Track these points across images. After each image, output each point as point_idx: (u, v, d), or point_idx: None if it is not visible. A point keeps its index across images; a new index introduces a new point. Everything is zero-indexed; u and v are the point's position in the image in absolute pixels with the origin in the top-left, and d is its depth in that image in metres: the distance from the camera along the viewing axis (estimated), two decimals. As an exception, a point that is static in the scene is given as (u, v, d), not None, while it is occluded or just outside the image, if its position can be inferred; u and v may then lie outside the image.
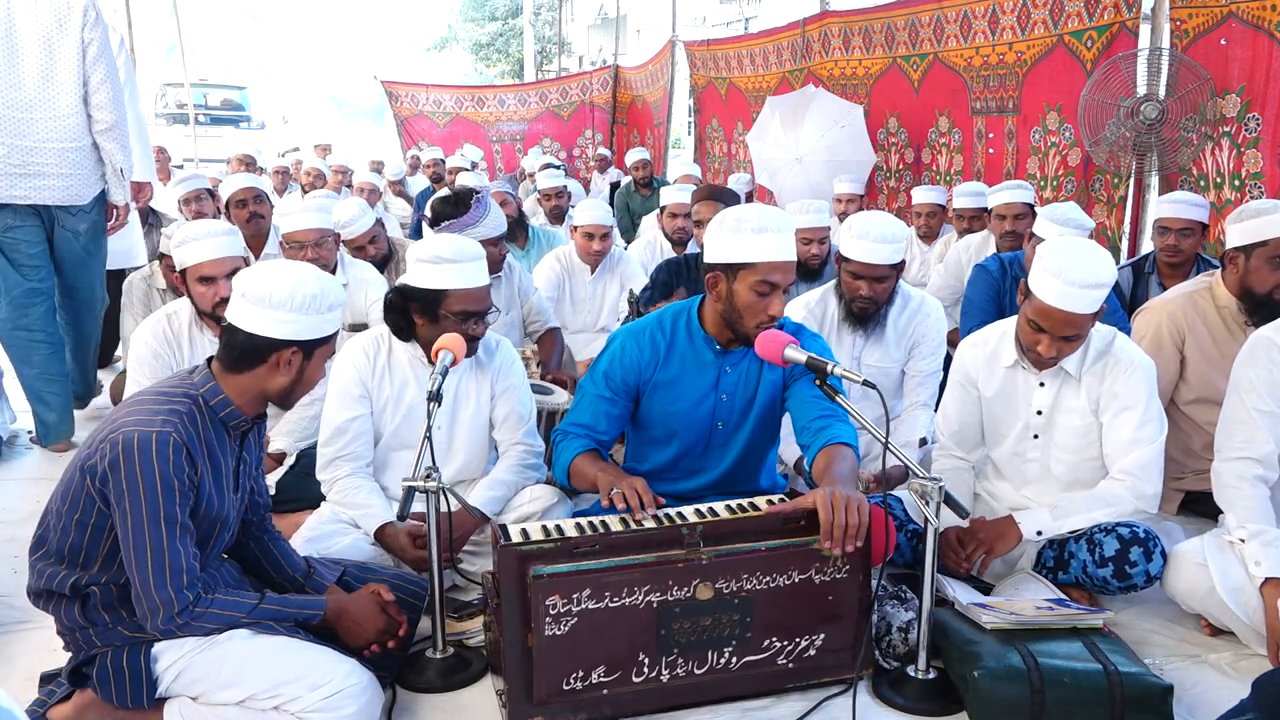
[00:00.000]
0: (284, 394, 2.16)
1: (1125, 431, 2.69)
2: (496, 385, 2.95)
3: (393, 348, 2.89)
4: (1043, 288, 2.54)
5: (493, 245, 3.73)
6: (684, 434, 2.72)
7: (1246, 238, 3.09)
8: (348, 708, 2.03)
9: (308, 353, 2.13)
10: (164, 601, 1.97)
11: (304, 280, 2.09)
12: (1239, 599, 2.49)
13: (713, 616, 2.20)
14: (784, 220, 2.54)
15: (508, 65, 30.57)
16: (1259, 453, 2.56)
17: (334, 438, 2.83)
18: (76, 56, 3.88)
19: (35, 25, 3.82)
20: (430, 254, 2.70)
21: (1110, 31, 5.01)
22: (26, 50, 3.82)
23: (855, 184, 6.27)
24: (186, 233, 3.21)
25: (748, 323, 2.54)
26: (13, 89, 3.81)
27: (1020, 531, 2.69)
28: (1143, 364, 2.72)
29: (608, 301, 4.88)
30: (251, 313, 2.06)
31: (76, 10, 3.86)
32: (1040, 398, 2.81)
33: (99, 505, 1.99)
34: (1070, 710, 2.15)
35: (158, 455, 1.94)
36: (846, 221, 3.34)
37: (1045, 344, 2.61)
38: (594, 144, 12.58)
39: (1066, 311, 2.52)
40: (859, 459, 2.49)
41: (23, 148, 3.86)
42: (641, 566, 2.14)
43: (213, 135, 17.11)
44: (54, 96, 3.87)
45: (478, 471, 2.97)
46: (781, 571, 2.22)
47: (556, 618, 2.09)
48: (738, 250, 2.50)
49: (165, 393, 2.08)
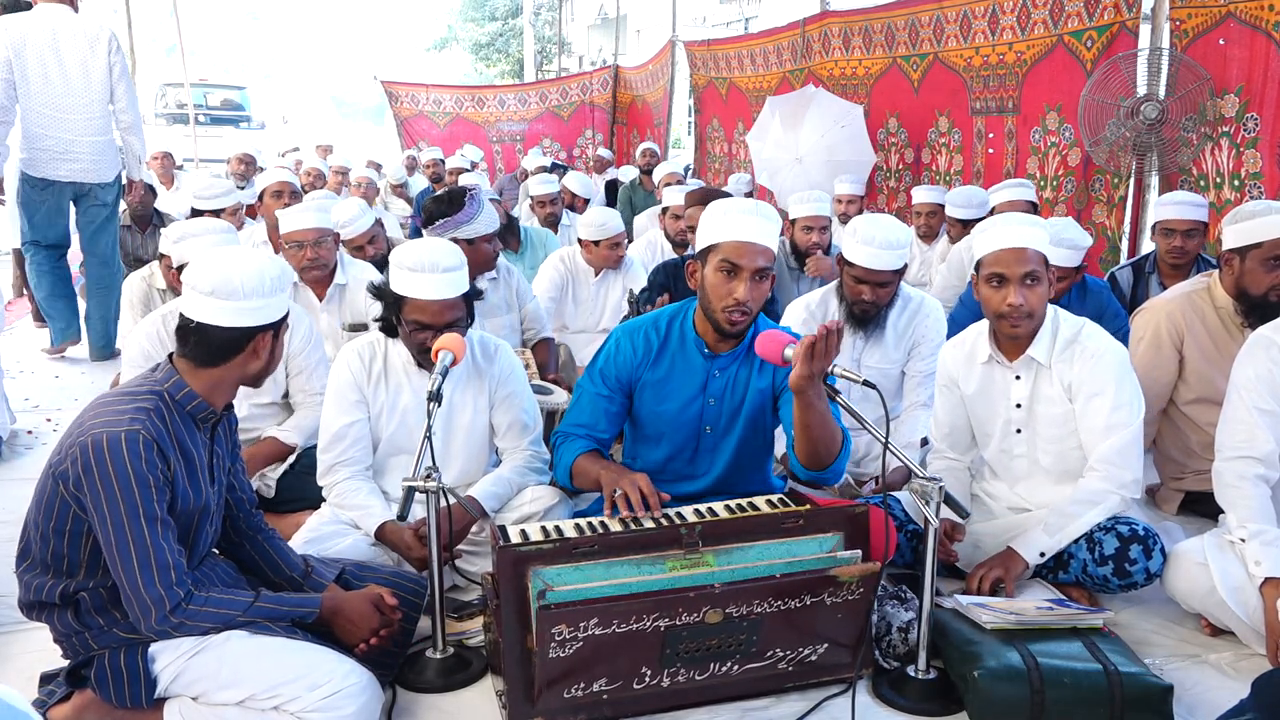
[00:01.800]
0: (259, 376, 2.19)
1: (1099, 418, 2.69)
2: (496, 393, 2.92)
3: (388, 353, 2.88)
4: (985, 242, 2.71)
5: (485, 242, 3.73)
6: (672, 435, 2.72)
7: (1241, 239, 3.08)
8: (347, 707, 2.03)
9: (276, 332, 2.16)
10: (155, 601, 1.96)
11: (263, 265, 2.11)
12: (1239, 598, 2.48)
13: (719, 637, 2.17)
14: (756, 207, 2.54)
15: (508, 65, 30.56)
16: (1260, 451, 2.56)
17: (333, 443, 2.83)
18: (104, 73, 5.28)
19: (75, 49, 5.21)
20: (399, 259, 2.71)
21: (1110, 31, 5.01)
22: (69, 68, 5.21)
23: (855, 184, 6.28)
24: (185, 230, 3.21)
25: (715, 306, 2.53)
26: (59, 96, 5.20)
27: (1024, 559, 2.67)
28: (1111, 350, 2.72)
29: (610, 303, 4.87)
30: (224, 308, 2.05)
31: (104, 39, 5.28)
32: (1018, 390, 2.81)
33: (74, 510, 1.99)
34: (1070, 710, 2.15)
35: (129, 453, 1.93)
36: (851, 225, 3.33)
37: (1012, 293, 2.65)
38: (594, 144, 12.58)
39: (1013, 247, 2.64)
40: (848, 444, 2.51)
41: (65, 139, 5.26)
42: (651, 595, 2.08)
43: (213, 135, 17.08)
44: (89, 103, 5.27)
45: (475, 478, 2.94)
46: (794, 596, 2.16)
47: (562, 643, 2.05)
48: (708, 234, 2.54)
49: (130, 392, 2.07)
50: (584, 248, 4.82)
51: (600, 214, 4.82)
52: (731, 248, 2.48)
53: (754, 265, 2.48)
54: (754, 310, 2.54)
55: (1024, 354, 2.76)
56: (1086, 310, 3.48)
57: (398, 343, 2.86)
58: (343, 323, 4.05)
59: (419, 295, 2.67)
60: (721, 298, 2.51)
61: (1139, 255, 4.65)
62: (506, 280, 4.23)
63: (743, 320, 2.54)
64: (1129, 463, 2.67)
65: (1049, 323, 2.75)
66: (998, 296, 2.68)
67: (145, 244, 6.48)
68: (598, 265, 4.82)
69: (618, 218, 4.82)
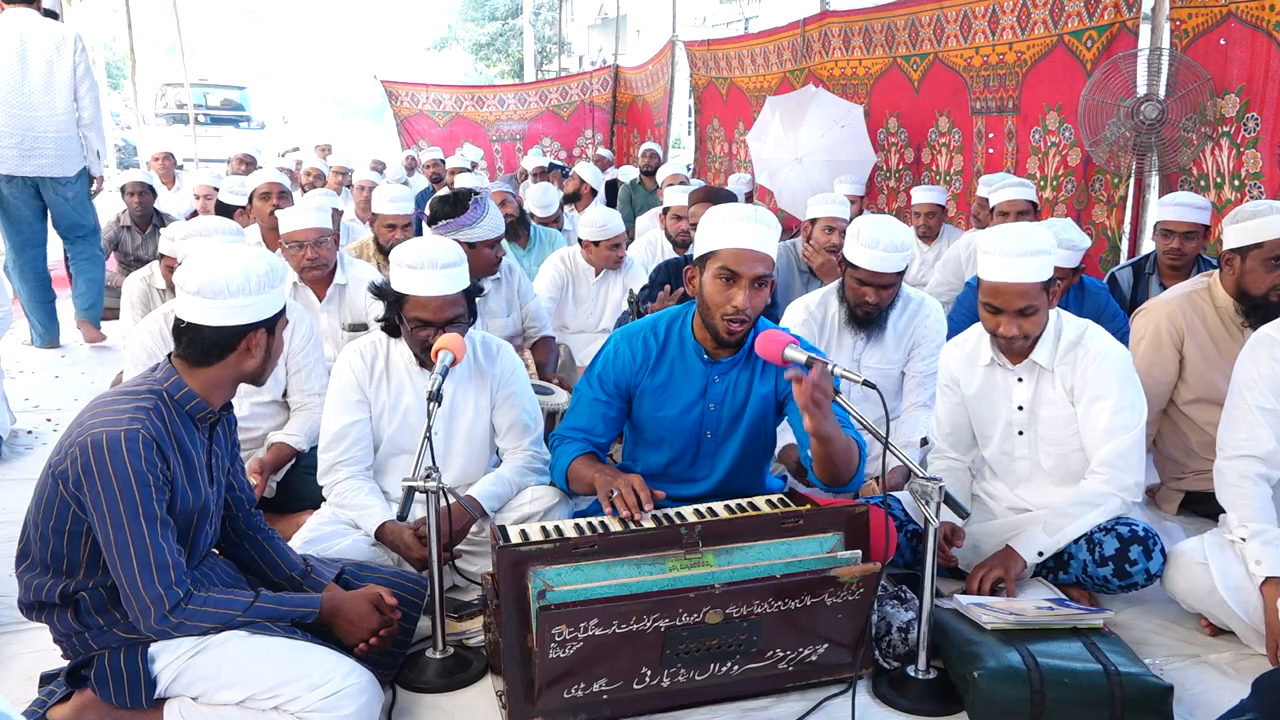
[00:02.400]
0: (257, 374, 2.17)
1: (1101, 420, 2.69)
2: (498, 393, 2.92)
3: (390, 353, 2.88)
4: (986, 268, 2.63)
5: (488, 247, 3.70)
6: (672, 440, 2.72)
7: (1241, 240, 3.08)
8: (347, 707, 2.03)
9: (270, 329, 2.14)
10: (154, 600, 1.96)
11: (250, 262, 2.08)
12: (1239, 598, 2.48)
13: (719, 637, 2.17)
14: (755, 213, 2.52)
15: (508, 65, 30.56)
16: (1261, 450, 2.56)
17: (333, 443, 2.83)
18: (69, 73, 5.57)
19: (41, 50, 5.50)
20: (399, 257, 2.71)
21: (1110, 31, 5.01)
22: (34, 67, 5.48)
23: (856, 184, 6.27)
24: (191, 229, 3.21)
25: (714, 315, 2.52)
26: (24, 95, 5.48)
27: (1023, 558, 2.67)
28: (1115, 353, 2.72)
29: (610, 303, 4.87)
30: (212, 307, 2.04)
31: (69, 41, 5.59)
32: (1020, 393, 2.81)
33: (74, 510, 1.99)
34: (1070, 710, 2.15)
35: (128, 452, 1.93)
36: (854, 227, 3.30)
37: (1005, 323, 2.64)
38: (594, 144, 12.58)
39: (1011, 283, 2.60)
40: (864, 455, 2.50)
41: (31, 135, 5.53)
42: (652, 595, 2.09)
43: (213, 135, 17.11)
44: (52, 100, 5.55)
45: (476, 478, 2.94)
46: (794, 596, 2.17)
47: (562, 643, 2.06)
48: (706, 241, 2.52)
49: (129, 392, 2.07)
50: (584, 248, 4.82)
51: (601, 214, 4.82)
52: (730, 255, 2.46)
53: (753, 273, 2.46)
54: (753, 318, 2.53)
55: (1027, 358, 2.76)
56: (1084, 311, 3.49)
57: (400, 342, 2.86)
58: (343, 323, 4.05)
59: (419, 292, 2.67)
60: (720, 305, 2.50)
61: (1139, 255, 4.65)
62: (508, 280, 4.23)
63: (741, 329, 2.53)
64: (1131, 466, 2.67)
65: (1051, 326, 2.74)
66: (994, 321, 2.68)
67: (145, 244, 6.49)
68: (598, 265, 4.82)
69: (618, 218, 4.82)
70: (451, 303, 2.70)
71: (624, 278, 4.86)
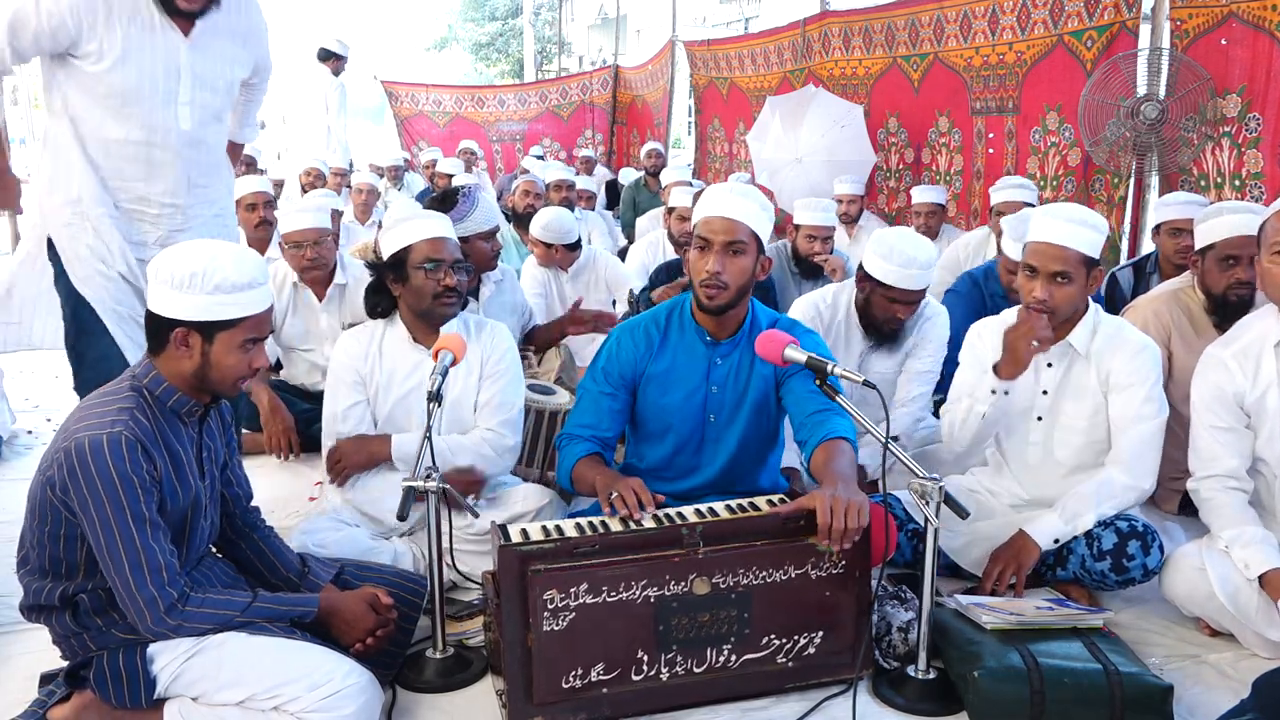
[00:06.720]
0: (199, 379, 2.05)
1: (1130, 408, 2.70)
2: (486, 366, 2.94)
3: (384, 335, 2.91)
4: (1034, 229, 2.67)
5: (483, 240, 3.63)
6: (678, 427, 2.72)
7: (1201, 240, 3.19)
8: (347, 707, 2.03)
9: (207, 336, 2.02)
10: (148, 602, 1.96)
11: (192, 256, 2.00)
12: (1238, 602, 2.49)
13: (710, 612, 2.20)
14: (733, 187, 2.61)
15: (508, 65, 30.55)
16: (1224, 468, 2.60)
17: (335, 424, 2.88)
18: None
19: None
20: (390, 219, 2.78)
21: (1110, 31, 5.00)
22: None
23: (856, 184, 6.27)
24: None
25: (695, 283, 2.58)
26: None
27: (1037, 545, 2.67)
28: (1150, 346, 2.75)
29: (593, 302, 4.88)
30: (151, 290, 2.04)
31: None
32: (1046, 377, 2.80)
33: (65, 516, 1.98)
34: (1070, 710, 2.15)
35: (112, 455, 1.92)
36: (880, 243, 3.25)
37: (1040, 287, 2.63)
38: (594, 144, 12.57)
39: (1054, 243, 2.60)
40: (856, 451, 2.49)
41: None
42: (637, 561, 2.15)
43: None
44: None
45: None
46: (777, 567, 2.22)
47: (555, 612, 2.10)
48: (694, 219, 2.61)
49: (111, 393, 2.06)
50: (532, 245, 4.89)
51: (554, 214, 4.88)
52: (703, 223, 2.55)
53: (723, 238, 2.50)
54: (730, 285, 2.53)
55: (1062, 340, 2.75)
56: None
57: (394, 323, 2.90)
58: (343, 323, 4.05)
59: (422, 236, 2.75)
60: (697, 273, 2.55)
61: (1139, 255, 4.65)
62: (510, 288, 4.23)
63: (718, 294, 2.54)
64: (1151, 456, 2.70)
65: (1090, 315, 2.75)
66: (1028, 285, 2.69)
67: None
68: (548, 264, 4.87)
69: (572, 220, 4.87)
70: (454, 245, 2.80)
71: (603, 278, 4.91)
